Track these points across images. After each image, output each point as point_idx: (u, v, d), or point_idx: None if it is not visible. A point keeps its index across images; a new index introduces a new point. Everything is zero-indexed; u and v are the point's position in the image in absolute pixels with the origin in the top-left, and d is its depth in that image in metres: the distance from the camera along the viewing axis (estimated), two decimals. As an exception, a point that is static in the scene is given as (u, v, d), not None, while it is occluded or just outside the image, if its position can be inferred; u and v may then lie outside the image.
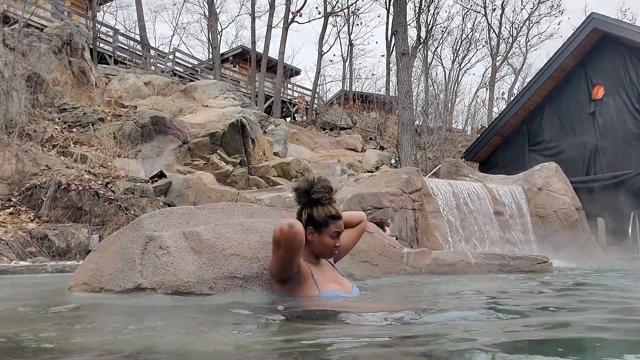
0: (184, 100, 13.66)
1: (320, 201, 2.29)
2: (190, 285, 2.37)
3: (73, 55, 11.01)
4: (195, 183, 8.40)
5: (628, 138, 11.19)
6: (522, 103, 13.04)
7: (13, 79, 8.78)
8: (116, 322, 1.85)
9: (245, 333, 1.62)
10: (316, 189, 2.28)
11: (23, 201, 7.13)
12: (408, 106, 13.53)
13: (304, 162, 11.76)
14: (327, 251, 2.34)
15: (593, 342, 1.38)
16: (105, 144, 9.27)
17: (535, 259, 4.16)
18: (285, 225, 2.07)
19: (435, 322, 1.79)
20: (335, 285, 2.34)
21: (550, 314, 1.96)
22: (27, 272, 4.86)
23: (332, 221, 2.29)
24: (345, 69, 30.14)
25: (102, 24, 23.02)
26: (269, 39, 23.68)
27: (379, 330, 1.63)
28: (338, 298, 2.26)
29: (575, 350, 1.27)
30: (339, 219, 2.32)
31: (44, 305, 2.35)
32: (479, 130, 25.06)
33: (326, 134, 22.36)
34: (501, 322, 1.75)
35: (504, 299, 2.46)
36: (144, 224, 2.65)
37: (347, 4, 27.81)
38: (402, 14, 14.18)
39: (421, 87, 26.76)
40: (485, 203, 7.04)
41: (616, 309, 2.13)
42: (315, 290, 2.23)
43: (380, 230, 3.84)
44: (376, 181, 7.27)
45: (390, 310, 2.06)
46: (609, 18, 11.97)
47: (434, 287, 3.18)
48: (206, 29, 28.55)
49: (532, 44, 32.90)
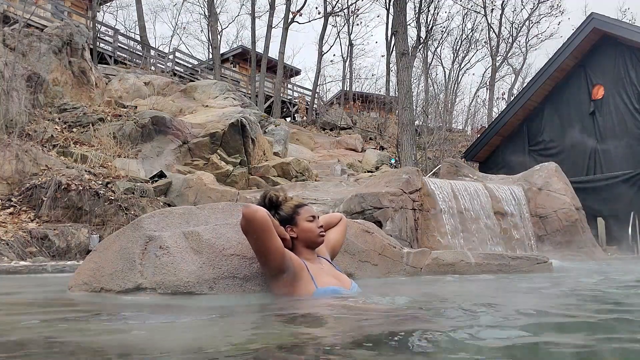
0: (184, 100, 13.66)
1: (279, 202, 2.42)
2: (190, 285, 2.38)
3: (73, 55, 11.01)
4: (196, 183, 8.40)
5: (628, 138, 11.19)
6: (522, 103, 13.03)
7: (13, 79, 8.78)
8: (116, 323, 1.85)
9: (245, 333, 1.62)
10: (269, 197, 2.43)
11: (23, 201, 7.13)
12: (408, 106, 13.53)
13: (304, 162, 11.76)
14: (313, 235, 2.38)
15: (592, 342, 1.38)
16: (105, 144, 9.27)
17: (535, 259, 4.16)
18: (243, 209, 2.17)
19: (435, 321, 1.79)
20: (333, 280, 2.34)
21: (550, 314, 1.96)
22: (27, 272, 4.86)
23: (299, 208, 2.41)
24: (345, 69, 30.17)
25: (102, 24, 23.02)
26: (269, 39, 23.70)
27: (380, 329, 1.63)
28: (337, 294, 2.26)
29: (575, 350, 1.27)
30: (305, 205, 2.46)
31: (44, 305, 2.35)
32: (479, 130, 25.06)
33: (326, 134, 22.37)
34: (501, 322, 1.75)
35: (504, 299, 2.46)
36: (144, 224, 2.65)
37: (347, 4, 27.86)
38: (402, 14, 14.17)
39: (421, 87, 26.79)
40: (485, 203, 7.04)
41: (616, 310, 2.13)
42: (311, 285, 2.23)
43: (381, 230, 3.85)
44: (376, 181, 7.27)
45: (390, 309, 2.06)
46: (609, 18, 11.96)
47: (434, 287, 3.18)
48: (206, 29, 28.58)
49: (532, 44, 32.80)
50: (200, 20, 35.48)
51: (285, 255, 2.22)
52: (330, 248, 2.62)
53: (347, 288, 2.36)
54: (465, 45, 29.53)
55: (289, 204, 2.42)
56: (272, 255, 2.21)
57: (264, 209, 2.21)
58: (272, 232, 2.17)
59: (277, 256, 2.21)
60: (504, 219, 7.11)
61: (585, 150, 11.83)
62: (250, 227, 2.17)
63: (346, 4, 27.90)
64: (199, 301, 2.28)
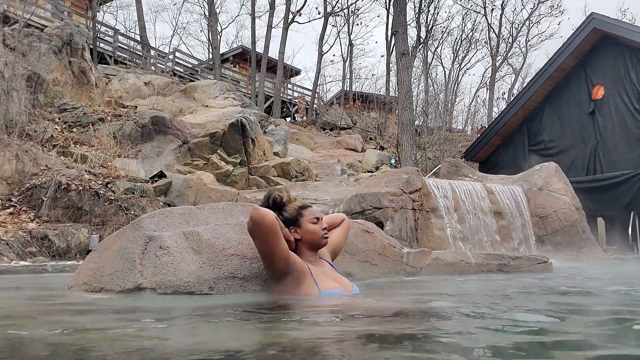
0: (184, 100, 13.66)
1: (283, 203, 2.40)
2: (190, 285, 2.38)
3: (73, 55, 11.01)
4: (196, 183, 8.40)
5: (628, 138, 11.19)
6: (522, 103, 13.02)
7: (13, 79, 8.78)
8: (116, 323, 1.85)
9: (245, 333, 1.62)
10: (273, 198, 2.41)
11: (23, 201, 7.13)
12: (408, 106, 13.53)
13: (304, 162, 11.76)
14: (317, 237, 2.37)
15: (590, 343, 1.38)
16: (105, 144, 9.27)
17: (535, 259, 4.16)
18: (251, 211, 2.17)
19: (436, 321, 1.79)
20: (335, 283, 2.34)
21: (550, 314, 1.96)
22: (27, 272, 4.86)
23: (303, 210, 2.40)
24: (345, 69, 30.18)
25: (102, 24, 23.02)
26: (269, 39, 23.70)
27: (381, 329, 1.63)
28: (339, 296, 2.26)
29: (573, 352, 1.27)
30: (309, 206, 2.44)
31: (44, 305, 2.35)
32: (479, 130, 25.06)
33: (326, 134, 22.37)
34: (501, 322, 1.75)
35: (504, 299, 2.46)
36: (144, 224, 2.65)
37: (347, 4, 27.86)
38: (402, 14, 14.17)
39: (421, 87, 26.78)
40: (485, 203, 7.04)
41: (615, 310, 2.13)
42: (314, 289, 2.23)
43: (380, 230, 3.85)
44: (376, 181, 7.27)
45: (390, 308, 2.06)
46: (608, 18, 11.96)
47: (434, 287, 3.18)
48: (206, 29, 28.59)
49: (532, 44, 32.81)
50: (200, 20, 35.51)
51: (290, 259, 2.22)
52: (331, 249, 2.61)
53: (348, 291, 2.36)
54: (465, 45, 29.58)
55: (293, 205, 2.40)
56: (277, 258, 2.21)
57: (272, 212, 2.20)
58: (279, 236, 2.17)
59: (282, 259, 2.21)
60: (504, 219, 7.10)
61: (585, 150, 11.82)
62: (257, 230, 2.16)
63: (346, 4, 27.94)
64: (199, 301, 2.28)
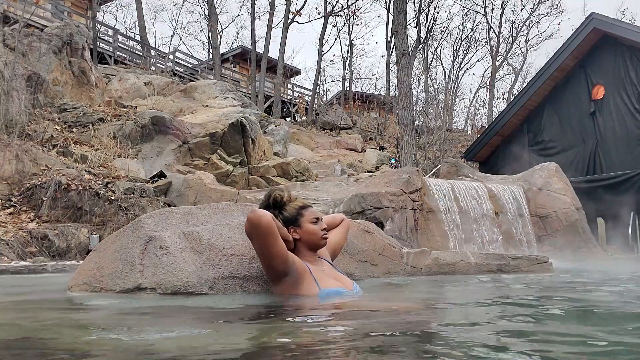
0: (184, 100, 13.66)
1: (283, 202, 2.40)
2: (190, 285, 2.38)
3: (73, 55, 11.01)
4: (195, 183, 8.40)
5: (628, 138, 11.18)
6: (522, 103, 13.02)
7: (13, 79, 8.78)
8: (116, 322, 1.85)
9: (245, 333, 1.62)
10: (273, 197, 2.41)
11: (23, 201, 7.13)
12: (408, 106, 13.53)
13: (304, 162, 11.76)
14: (316, 238, 2.37)
15: (590, 342, 1.38)
16: (105, 144, 9.27)
17: (535, 259, 4.16)
18: (249, 213, 2.17)
19: (436, 321, 1.79)
20: (336, 282, 2.34)
21: (550, 314, 1.96)
22: (27, 272, 4.86)
23: (303, 210, 2.39)
24: (345, 69, 30.14)
25: (102, 24, 23.02)
26: (269, 39, 23.69)
27: (381, 328, 1.63)
28: (340, 295, 2.26)
29: (573, 350, 1.27)
30: (309, 206, 2.44)
31: (44, 305, 2.35)
32: (479, 130, 25.06)
33: (326, 134, 22.35)
34: (502, 322, 1.75)
35: (503, 299, 2.46)
36: (144, 224, 2.65)
37: (347, 4, 27.83)
38: (402, 14, 14.17)
39: (421, 87, 26.77)
40: (485, 203, 7.04)
41: (615, 310, 2.13)
42: (314, 287, 2.23)
43: (380, 230, 3.85)
44: (376, 181, 7.27)
45: (391, 308, 2.06)
46: (608, 18, 11.96)
47: (434, 287, 3.18)
48: (206, 29, 28.58)
49: (532, 44, 32.88)
50: (200, 20, 35.51)
51: (289, 259, 2.22)
52: (331, 249, 2.61)
53: (349, 289, 2.36)
54: (465, 45, 29.53)
55: (293, 204, 2.40)
56: (275, 259, 2.21)
57: (269, 213, 2.20)
58: (276, 237, 2.17)
59: (280, 260, 2.21)
60: (504, 219, 7.10)
61: (585, 150, 11.82)
62: (255, 231, 2.17)
63: (346, 4, 27.91)
64: (199, 301, 2.28)
